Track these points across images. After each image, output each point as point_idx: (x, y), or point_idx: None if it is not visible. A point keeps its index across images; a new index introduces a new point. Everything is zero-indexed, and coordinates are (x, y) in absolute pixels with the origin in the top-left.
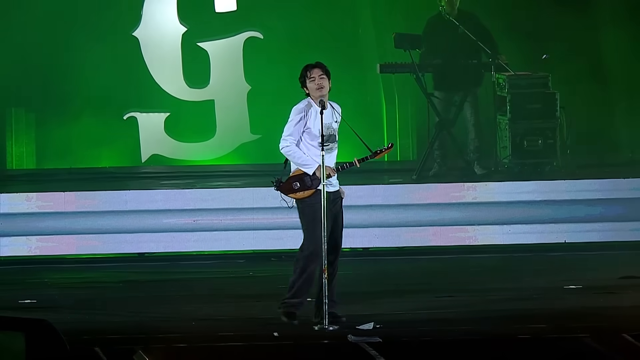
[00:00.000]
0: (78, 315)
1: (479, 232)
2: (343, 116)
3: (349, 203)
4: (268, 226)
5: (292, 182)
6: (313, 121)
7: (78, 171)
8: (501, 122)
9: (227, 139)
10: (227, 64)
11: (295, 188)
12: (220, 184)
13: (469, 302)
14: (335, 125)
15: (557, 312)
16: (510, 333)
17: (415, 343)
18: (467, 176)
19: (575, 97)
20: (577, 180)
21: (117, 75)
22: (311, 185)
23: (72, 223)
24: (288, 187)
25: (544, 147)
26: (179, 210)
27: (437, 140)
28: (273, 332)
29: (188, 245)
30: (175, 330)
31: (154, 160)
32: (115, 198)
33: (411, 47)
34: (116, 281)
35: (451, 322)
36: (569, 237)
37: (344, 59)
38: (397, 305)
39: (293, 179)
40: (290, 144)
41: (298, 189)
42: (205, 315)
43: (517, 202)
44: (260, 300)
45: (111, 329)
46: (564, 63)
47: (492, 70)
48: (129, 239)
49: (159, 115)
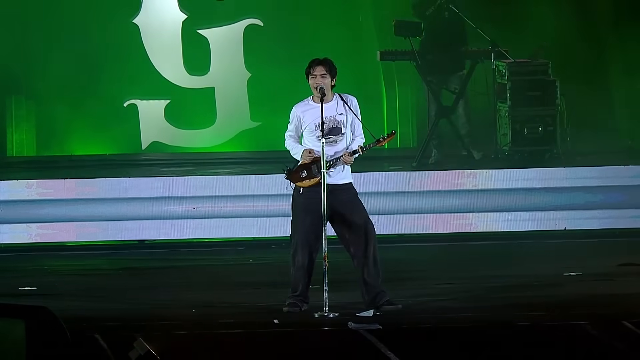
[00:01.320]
0: (78, 302)
1: (478, 219)
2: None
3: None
4: (268, 213)
5: (300, 171)
6: (310, 118)
7: (78, 158)
8: (501, 109)
9: (227, 126)
10: (227, 51)
11: (303, 176)
12: (220, 171)
13: (468, 289)
14: (340, 117)
15: (556, 299)
16: (510, 320)
17: (415, 330)
18: (467, 164)
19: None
20: (577, 167)
21: (117, 62)
22: (317, 174)
23: (72, 210)
24: (296, 176)
25: (544, 134)
26: (179, 198)
27: (436, 127)
28: (273, 320)
29: (188, 233)
30: (175, 318)
31: (154, 148)
32: (115, 185)
33: (411, 34)
34: (116, 268)
35: (451, 309)
36: (569, 224)
37: (344, 46)
38: (397, 293)
39: (301, 168)
40: (288, 138)
41: (305, 177)
42: (205, 302)
43: (517, 189)
44: (260, 288)
45: (111, 316)
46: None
47: (492, 58)
48: (129, 226)
49: (159, 103)
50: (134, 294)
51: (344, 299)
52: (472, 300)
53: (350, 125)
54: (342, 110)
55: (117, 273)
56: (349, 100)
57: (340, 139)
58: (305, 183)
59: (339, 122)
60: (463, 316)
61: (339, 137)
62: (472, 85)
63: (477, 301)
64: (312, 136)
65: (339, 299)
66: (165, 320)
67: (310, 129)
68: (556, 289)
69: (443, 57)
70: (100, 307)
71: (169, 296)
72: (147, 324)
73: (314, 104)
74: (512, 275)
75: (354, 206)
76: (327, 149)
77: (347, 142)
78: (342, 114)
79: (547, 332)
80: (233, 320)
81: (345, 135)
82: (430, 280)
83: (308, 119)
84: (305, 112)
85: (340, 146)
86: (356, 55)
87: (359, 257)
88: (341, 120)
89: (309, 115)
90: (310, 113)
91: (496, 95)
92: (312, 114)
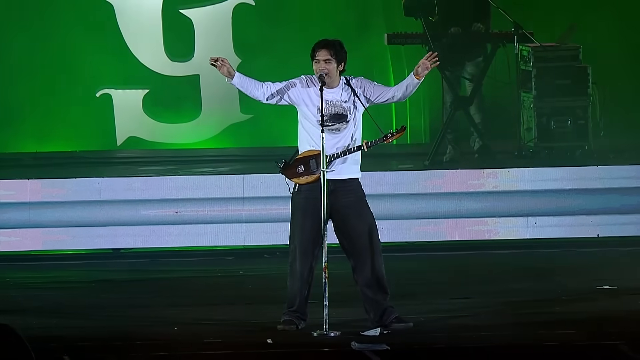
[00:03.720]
0: (45, 319)
1: (500, 225)
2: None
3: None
4: (260, 218)
5: (296, 165)
6: (311, 99)
7: (44, 156)
8: (525, 100)
9: (214, 119)
10: (214, 33)
11: (299, 172)
12: (206, 171)
13: (488, 305)
14: (345, 104)
15: (588, 316)
16: (536, 340)
17: (427, 351)
18: (487, 161)
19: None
20: (612, 166)
21: (88, 46)
22: (316, 170)
23: (37, 215)
24: (292, 171)
25: (574, 129)
26: (159, 200)
27: (452, 120)
28: (266, 339)
29: (170, 240)
30: (155, 337)
31: (131, 144)
32: (86, 186)
33: (423, 14)
34: (88, 281)
35: (468, 328)
36: (602, 230)
37: (347, 28)
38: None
39: (298, 162)
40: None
41: (302, 172)
42: (189, 319)
43: (544, 191)
44: (252, 303)
45: (82, 335)
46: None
47: (515, 42)
48: (102, 233)
49: (137, 92)
50: (109, 310)
51: (347, 315)
52: (492, 317)
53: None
54: (346, 98)
55: (89, 286)
56: (357, 85)
57: (345, 127)
58: (302, 180)
59: (344, 108)
60: (481, 335)
61: (342, 125)
62: (491, 73)
63: (498, 318)
64: (313, 120)
65: (341, 315)
66: (143, 340)
67: (309, 112)
68: (588, 304)
69: (459, 40)
70: (69, 324)
71: (148, 312)
72: (124, 344)
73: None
74: (537, 289)
75: (358, 210)
76: (328, 138)
77: (353, 134)
78: (347, 101)
79: (577, 354)
80: (221, 340)
81: (350, 125)
82: (444, 295)
83: (309, 100)
84: (308, 90)
85: (343, 136)
86: (360, 38)
87: (362, 272)
88: (347, 107)
89: (312, 96)
90: (314, 94)
91: (520, 84)
92: (316, 95)
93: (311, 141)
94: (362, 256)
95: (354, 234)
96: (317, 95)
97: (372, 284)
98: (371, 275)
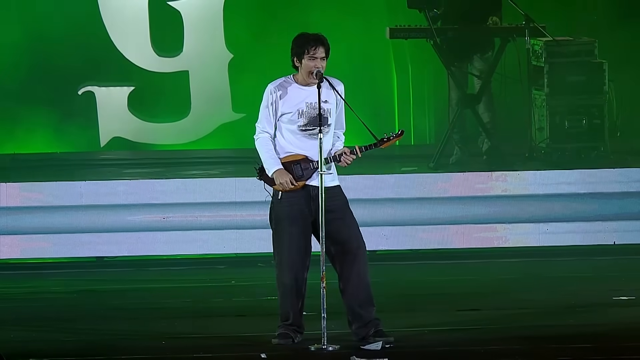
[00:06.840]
0: (24, 332)
1: (509, 231)
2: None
3: (351, 197)
4: (254, 224)
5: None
6: (292, 103)
7: (22, 157)
8: (537, 98)
9: (204, 118)
10: (204, 27)
11: None
12: (196, 174)
13: (497, 317)
14: (327, 106)
15: (604, 329)
16: (548, 354)
17: None
18: (496, 164)
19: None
20: (630, 168)
21: (70, 40)
22: (302, 176)
23: (15, 220)
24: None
25: (589, 129)
26: (146, 205)
27: (459, 120)
28: (260, 354)
29: (157, 248)
30: (141, 351)
31: (115, 144)
32: (67, 190)
33: (428, 6)
34: (70, 291)
35: (475, 341)
36: (619, 237)
37: (346, 21)
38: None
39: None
40: (258, 135)
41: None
42: (177, 332)
43: (557, 195)
44: (245, 315)
45: (64, 348)
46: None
47: (526, 36)
48: (84, 240)
49: (121, 90)
50: (92, 322)
51: (346, 328)
52: (501, 330)
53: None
54: (326, 98)
55: (70, 297)
56: (338, 86)
57: (327, 130)
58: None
59: (325, 110)
60: (490, 350)
61: (324, 129)
62: (501, 69)
63: (507, 331)
64: (293, 126)
65: (340, 328)
66: (129, 354)
67: (289, 118)
68: (604, 315)
69: (467, 34)
70: (50, 338)
71: (134, 325)
72: (108, 358)
73: (298, 86)
74: (549, 299)
75: (343, 214)
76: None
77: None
78: (327, 101)
79: None
80: (211, 355)
81: (331, 129)
82: (450, 306)
83: (289, 104)
84: (285, 95)
85: (325, 140)
86: (360, 32)
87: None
88: (327, 108)
89: (291, 99)
90: (293, 96)
91: (531, 81)
92: (295, 98)
93: (289, 147)
94: (349, 263)
95: (340, 237)
96: (296, 96)
97: (359, 293)
98: (358, 283)
